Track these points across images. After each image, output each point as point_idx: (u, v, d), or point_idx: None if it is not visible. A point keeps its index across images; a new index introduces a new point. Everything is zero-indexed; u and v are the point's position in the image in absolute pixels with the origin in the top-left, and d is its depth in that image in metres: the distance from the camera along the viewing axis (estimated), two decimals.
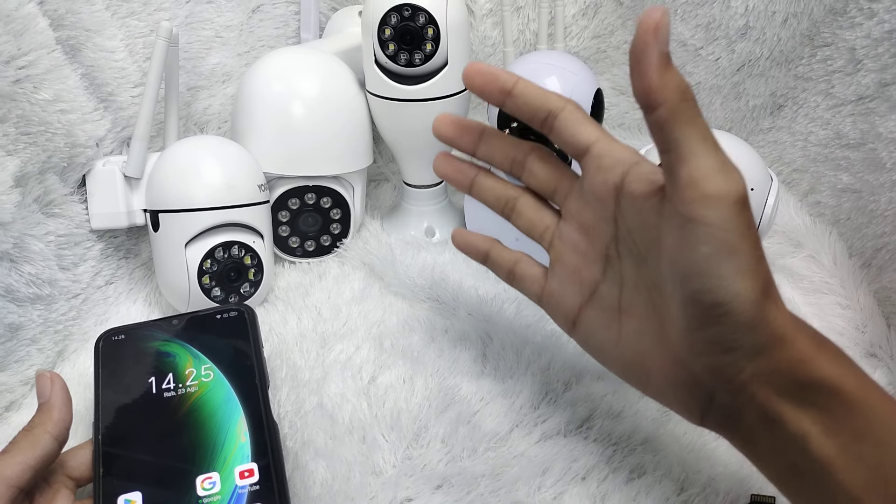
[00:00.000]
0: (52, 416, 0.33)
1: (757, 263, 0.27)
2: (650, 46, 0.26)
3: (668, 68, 0.26)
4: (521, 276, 0.38)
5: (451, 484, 0.37)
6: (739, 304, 0.26)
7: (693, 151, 0.26)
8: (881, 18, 0.49)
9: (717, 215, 0.26)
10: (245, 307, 0.41)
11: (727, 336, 0.27)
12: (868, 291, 0.49)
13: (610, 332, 0.33)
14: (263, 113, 0.51)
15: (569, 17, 0.68)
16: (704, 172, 0.26)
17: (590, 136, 0.33)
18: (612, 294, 0.33)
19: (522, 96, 0.33)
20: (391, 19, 0.48)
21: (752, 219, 0.27)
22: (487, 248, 0.39)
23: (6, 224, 0.42)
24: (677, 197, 0.27)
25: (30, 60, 0.43)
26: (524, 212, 0.37)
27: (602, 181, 0.32)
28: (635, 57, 0.26)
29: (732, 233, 0.26)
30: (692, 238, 0.26)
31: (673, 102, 0.26)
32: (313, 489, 0.37)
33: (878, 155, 0.49)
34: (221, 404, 0.36)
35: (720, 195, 0.26)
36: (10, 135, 0.42)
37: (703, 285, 0.27)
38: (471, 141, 0.37)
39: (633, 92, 0.27)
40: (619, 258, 0.33)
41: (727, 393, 0.29)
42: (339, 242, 0.56)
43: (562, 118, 0.33)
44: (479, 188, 0.38)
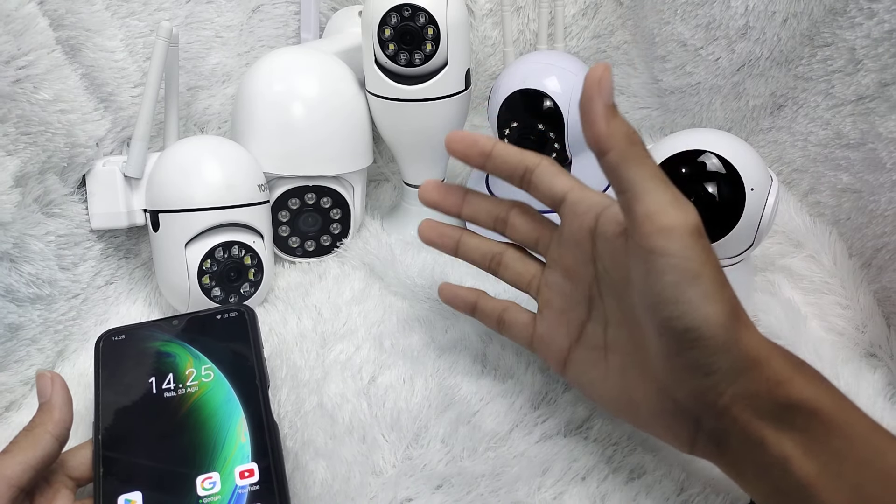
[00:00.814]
0: (53, 415, 0.33)
1: (721, 288, 0.28)
2: (595, 99, 0.29)
3: (615, 117, 0.29)
4: (511, 324, 0.39)
5: (451, 484, 0.37)
6: (710, 328, 0.28)
7: (646, 189, 0.28)
8: (881, 18, 0.49)
9: (675, 245, 0.28)
10: (245, 307, 0.41)
11: (703, 360, 0.28)
12: (868, 291, 0.49)
13: (598, 369, 0.35)
14: (263, 113, 0.51)
15: (569, 17, 0.68)
16: (658, 207, 0.28)
17: (564, 186, 0.35)
18: (598, 332, 0.35)
19: (500, 157, 0.36)
20: (391, 19, 0.48)
21: (710, 247, 0.29)
22: (475, 299, 0.41)
23: (6, 224, 0.42)
24: (637, 232, 0.29)
25: (30, 60, 0.43)
26: (510, 265, 0.39)
27: (578, 226, 0.35)
28: (583, 109, 0.29)
29: (693, 260, 0.28)
30: (656, 269, 0.28)
31: (621, 147, 0.29)
32: (313, 489, 0.37)
33: (878, 155, 0.49)
34: (222, 404, 0.36)
35: (675, 226, 0.28)
36: (10, 135, 0.42)
37: (673, 312, 0.28)
38: (455, 203, 0.40)
39: (585, 140, 0.30)
40: (601, 297, 0.35)
41: (711, 418, 0.30)
42: (339, 242, 0.56)
43: (538, 172, 0.36)
44: (464, 248, 0.40)
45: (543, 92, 0.49)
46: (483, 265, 0.40)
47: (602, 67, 0.29)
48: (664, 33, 0.63)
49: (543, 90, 0.49)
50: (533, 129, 0.50)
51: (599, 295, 0.35)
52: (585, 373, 0.36)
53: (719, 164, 0.41)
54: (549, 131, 0.50)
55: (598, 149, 0.29)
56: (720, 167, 0.41)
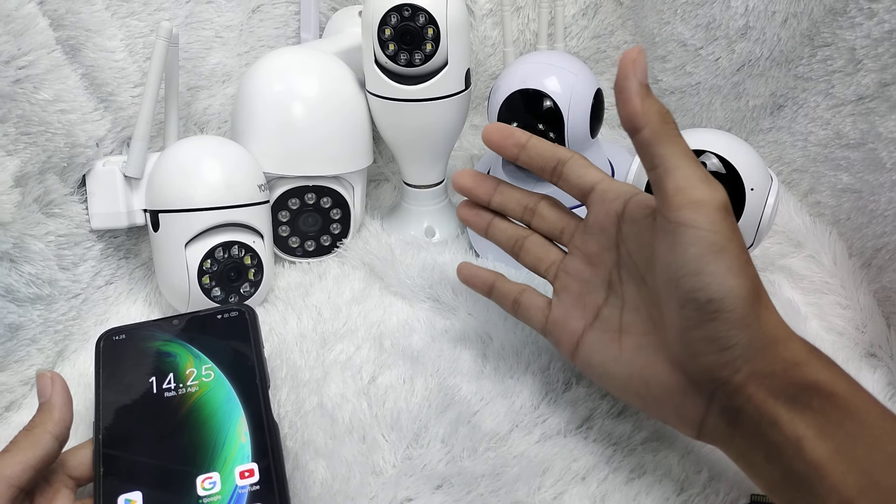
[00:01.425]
0: (53, 415, 0.33)
1: (745, 264, 0.29)
2: (631, 78, 0.30)
3: (649, 95, 0.30)
4: (527, 307, 0.40)
5: (451, 484, 0.37)
6: (732, 301, 0.28)
7: (677, 165, 0.30)
8: (881, 18, 0.49)
9: (703, 218, 0.29)
10: (246, 307, 0.41)
11: (722, 333, 0.29)
12: (868, 291, 0.49)
13: (611, 350, 0.36)
14: (263, 113, 0.51)
15: (569, 17, 0.68)
16: (689, 182, 0.29)
17: (595, 177, 0.37)
18: (614, 316, 0.36)
19: (535, 149, 0.39)
20: (391, 19, 0.48)
21: (736, 225, 0.29)
22: (493, 280, 0.42)
23: (6, 224, 0.42)
24: (666, 206, 0.30)
25: (30, 60, 0.43)
26: (532, 249, 0.41)
27: (606, 212, 0.36)
28: (619, 88, 0.31)
29: (719, 234, 0.29)
30: (683, 241, 0.29)
31: (655, 124, 0.30)
32: (313, 489, 0.37)
33: (878, 155, 0.49)
34: (222, 404, 0.36)
35: (705, 201, 0.29)
36: (10, 135, 0.42)
37: (697, 283, 0.29)
38: (486, 191, 0.42)
39: (620, 119, 0.31)
40: (620, 283, 0.36)
41: (725, 395, 0.30)
42: (339, 242, 0.56)
43: (570, 164, 0.38)
44: (493, 230, 0.43)
45: (543, 92, 0.49)
46: (508, 246, 0.42)
47: (637, 50, 0.30)
48: (664, 33, 0.63)
49: (543, 90, 0.49)
50: (533, 129, 0.50)
51: (619, 280, 0.36)
52: (597, 354, 0.36)
53: (719, 164, 0.41)
54: (549, 131, 0.50)
55: (633, 125, 0.30)
56: (720, 167, 0.41)
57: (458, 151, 0.68)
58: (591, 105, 0.50)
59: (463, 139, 0.69)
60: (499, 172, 0.55)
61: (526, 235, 0.41)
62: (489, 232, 0.43)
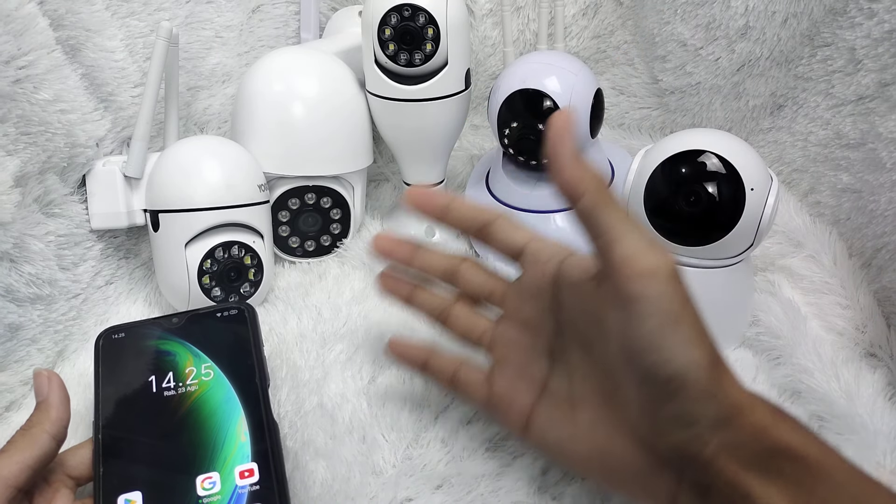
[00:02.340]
0: (50, 414, 0.33)
1: (702, 332, 0.28)
2: (563, 144, 0.29)
3: (583, 161, 0.29)
4: (465, 383, 0.37)
5: (451, 484, 0.37)
6: (694, 374, 0.27)
7: (622, 232, 0.28)
8: (881, 18, 0.49)
9: (656, 289, 0.27)
10: (246, 305, 0.41)
11: (688, 408, 0.27)
12: (868, 291, 0.49)
13: (565, 427, 0.33)
14: (263, 113, 0.51)
15: (569, 17, 0.68)
16: (636, 250, 0.28)
17: (524, 237, 0.35)
18: (563, 387, 0.34)
19: (458, 211, 0.36)
20: (391, 19, 0.48)
21: (688, 291, 0.28)
22: (425, 357, 0.39)
23: (6, 224, 0.42)
24: (615, 276, 0.28)
25: (30, 60, 0.43)
26: (458, 318, 0.38)
27: (541, 274, 0.34)
28: (552, 155, 0.29)
29: (674, 303, 0.27)
30: (636, 315, 0.27)
31: (593, 191, 0.29)
32: (313, 489, 0.37)
33: (878, 155, 0.49)
34: (221, 403, 0.36)
35: (655, 270, 0.27)
36: (10, 135, 0.42)
37: (656, 359, 0.27)
38: (406, 255, 0.39)
39: (556, 187, 0.30)
40: (564, 350, 0.34)
41: (695, 471, 0.28)
42: (339, 242, 0.56)
43: (497, 225, 0.36)
44: (415, 301, 0.39)
45: (543, 92, 0.49)
46: (433, 318, 0.39)
47: (564, 115, 0.29)
48: (664, 33, 0.63)
49: (543, 90, 0.49)
50: (533, 129, 0.50)
51: (562, 347, 0.34)
52: (551, 432, 0.33)
53: (719, 164, 0.41)
54: None
55: (572, 193, 0.29)
56: (720, 167, 0.41)
57: (458, 151, 0.68)
58: (592, 105, 0.50)
59: (463, 139, 0.69)
60: (498, 173, 0.55)
61: (450, 304, 0.38)
62: (411, 303, 0.40)
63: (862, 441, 0.38)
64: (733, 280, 0.44)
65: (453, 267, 0.38)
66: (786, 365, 0.44)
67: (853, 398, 0.41)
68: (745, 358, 0.46)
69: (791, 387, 0.43)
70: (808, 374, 0.42)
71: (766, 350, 0.46)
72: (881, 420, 0.39)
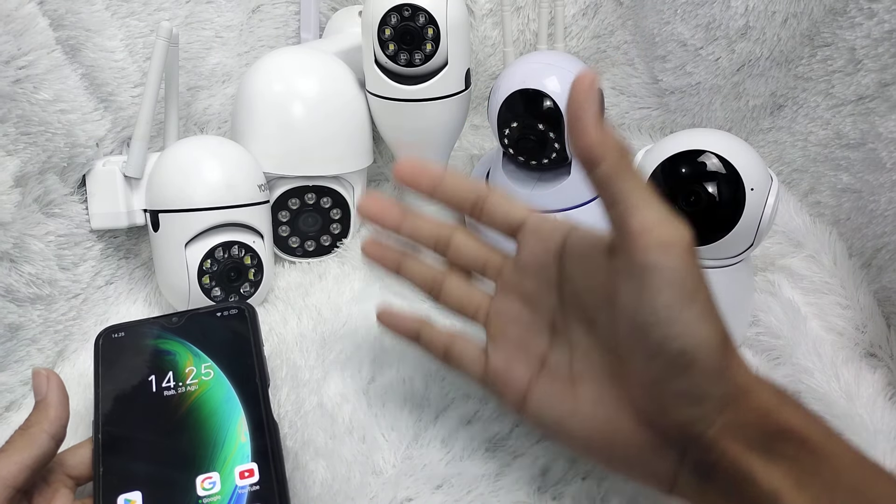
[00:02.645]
0: (49, 414, 0.33)
1: (714, 311, 0.27)
2: (586, 107, 0.27)
3: (606, 125, 0.28)
4: (460, 356, 0.36)
5: (451, 484, 0.37)
6: (705, 351, 0.26)
7: (640, 202, 0.27)
8: (881, 18, 0.49)
9: (673, 261, 0.27)
10: (246, 305, 0.41)
11: (695, 386, 0.27)
12: (868, 291, 0.49)
13: (565, 403, 0.32)
14: (263, 113, 0.51)
15: (569, 17, 0.68)
16: (655, 221, 0.27)
17: (523, 212, 0.34)
18: (563, 363, 0.33)
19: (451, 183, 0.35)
20: (391, 19, 0.48)
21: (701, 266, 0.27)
22: (418, 328, 0.37)
23: (6, 224, 0.42)
24: (631, 246, 0.27)
25: (30, 60, 0.43)
26: (452, 291, 0.37)
27: (543, 249, 0.33)
28: (573, 117, 0.28)
29: (691, 277, 0.27)
30: (651, 286, 0.27)
31: (614, 157, 0.27)
32: (313, 489, 0.37)
33: (878, 155, 0.49)
34: (221, 403, 0.36)
35: (674, 241, 0.27)
36: (10, 135, 0.42)
37: (668, 333, 0.27)
38: (394, 219, 0.37)
39: (574, 151, 0.28)
40: (566, 325, 0.33)
41: (698, 450, 0.28)
42: (339, 242, 0.56)
43: (492, 199, 0.35)
44: (405, 270, 0.38)
45: (543, 92, 0.49)
46: (425, 289, 0.37)
47: (591, 76, 0.28)
48: (664, 33, 0.63)
49: (543, 90, 0.49)
50: (533, 129, 0.50)
51: (565, 322, 0.33)
52: (550, 409, 0.32)
53: (719, 164, 0.41)
54: (549, 131, 0.50)
55: (591, 158, 0.28)
56: (720, 167, 0.41)
57: (458, 151, 0.68)
58: None
59: (463, 139, 0.69)
60: (498, 173, 0.55)
61: (443, 275, 0.37)
62: (401, 272, 0.38)
63: (862, 441, 0.38)
64: (733, 280, 0.44)
65: (446, 235, 0.37)
66: (786, 365, 0.44)
67: (853, 398, 0.41)
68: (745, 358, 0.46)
69: (791, 387, 0.43)
70: (808, 374, 0.42)
71: (766, 350, 0.46)
72: (881, 420, 0.39)
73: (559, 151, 0.51)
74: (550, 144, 0.50)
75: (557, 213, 0.53)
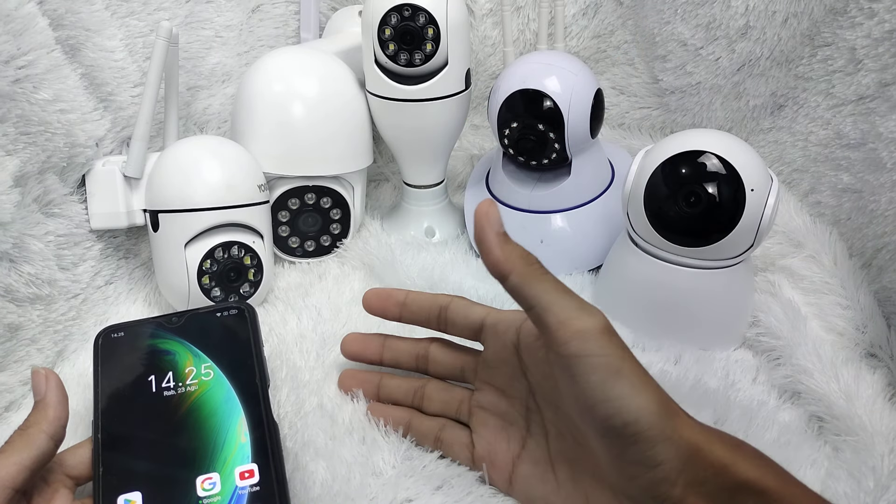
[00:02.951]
0: (48, 414, 0.33)
1: (646, 379, 0.29)
2: (487, 230, 0.31)
3: (508, 242, 0.31)
4: (450, 443, 0.38)
5: (451, 485, 0.37)
6: (646, 419, 0.28)
7: (552, 301, 0.30)
8: (881, 18, 0.49)
9: (592, 345, 0.29)
10: (245, 305, 0.41)
11: (647, 452, 0.28)
12: (868, 291, 0.49)
13: (547, 483, 0.34)
14: (263, 113, 0.51)
15: (569, 17, 0.68)
16: (569, 314, 0.30)
17: (480, 312, 0.38)
18: (541, 445, 0.35)
19: (415, 302, 0.40)
20: (391, 19, 0.48)
21: (624, 344, 0.30)
22: (408, 419, 0.40)
23: (6, 224, 0.42)
24: (553, 342, 0.30)
25: (29, 60, 0.43)
26: (434, 395, 0.40)
27: (502, 345, 0.36)
28: (478, 240, 0.31)
29: (612, 356, 0.29)
30: (580, 373, 0.29)
31: (519, 268, 0.31)
32: (313, 490, 0.37)
33: (879, 155, 0.49)
34: (221, 404, 0.36)
35: (588, 328, 0.29)
36: (10, 135, 0.42)
37: (607, 410, 0.28)
38: (375, 351, 0.41)
39: (486, 267, 0.31)
40: (538, 410, 0.35)
41: None
42: (339, 242, 0.56)
43: (453, 307, 0.38)
44: (386, 390, 0.41)
45: (543, 92, 0.49)
46: (407, 402, 0.40)
47: (487, 203, 0.31)
48: (664, 33, 0.63)
49: (543, 90, 0.49)
50: (533, 129, 0.50)
51: (537, 407, 0.35)
52: (535, 488, 0.35)
53: (719, 165, 0.41)
54: (549, 131, 0.50)
55: (499, 273, 0.31)
56: (720, 167, 0.41)
57: (458, 151, 0.68)
58: (591, 105, 0.50)
59: (463, 139, 0.69)
60: (498, 173, 0.55)
61: (423, 384, 0.40)
62: (381, 395, 0.41)
63: (861, 442, 0.38)
64: (733, 281, 0.44)
65: (423, 352, 0.40)
66: (786, 365, 0.44)
67: (853, 399, 0.40)
68: (745, 358, 0.46)
69: (791, 387, 0.43)
70: (807, 375, 0.42)
71: (767, 350, 0.46)
72: (880, 421, 0.39)
73: (559, 151, 0.51)
74: (550, 144, 0.50)
75: (557, 213, 0.54)
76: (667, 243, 0.43)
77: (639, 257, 0.46)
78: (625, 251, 0.47)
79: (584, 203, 0.54)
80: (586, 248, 0.53)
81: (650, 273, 0.45)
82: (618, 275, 0.49)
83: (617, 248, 0.49)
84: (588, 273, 0.53)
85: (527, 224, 0.54)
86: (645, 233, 0.44)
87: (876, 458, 0.37)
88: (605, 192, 0.55)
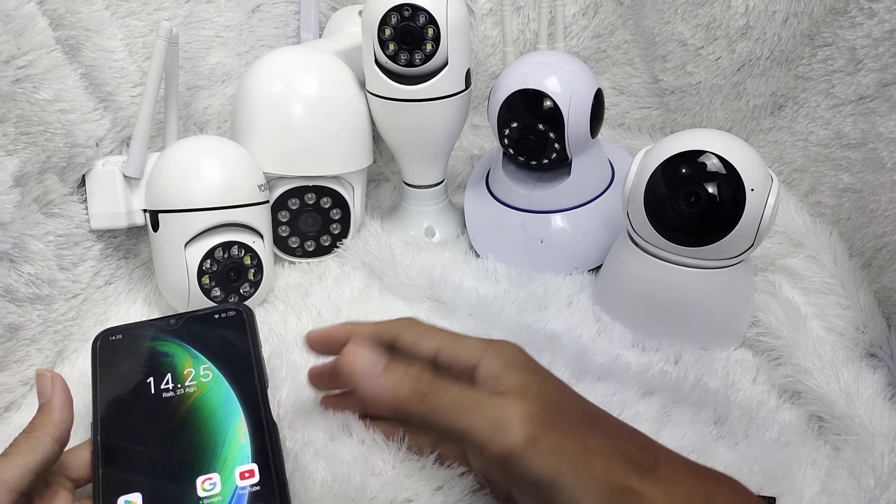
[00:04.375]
0: (53, 417, 0.33)
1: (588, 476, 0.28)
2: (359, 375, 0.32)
3: (393, 371, 0.32)
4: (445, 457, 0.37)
5: (451, 485, 0.37)
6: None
7: (465, 425, 0.30)
8: (881, 18, 0.49)
9: (520, 468, 0.28)
10: (243, 307, 0.41)
11: None
12: (868, 291, 0.49)
13: None
14: (263, 113, 0.51)
15: (569, 17, 0.68)
16: (485, 435, 0.29)
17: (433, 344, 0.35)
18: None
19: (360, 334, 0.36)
20: (391, 19, 0.48)
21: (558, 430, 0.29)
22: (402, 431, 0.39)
23: (6, 224, 0.42)
24: (485, 463, 0.31)
25: (29, 60, 0.43)
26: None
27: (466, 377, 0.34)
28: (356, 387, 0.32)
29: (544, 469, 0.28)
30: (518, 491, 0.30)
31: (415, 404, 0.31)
32: (313, 490, 0.37)
33: (879, 155, 0.49)
34: (221, 405, 0.36)
35: (508, 448, 0.29)
36: (10, 135, 0.42)
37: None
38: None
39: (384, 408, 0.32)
40: None
41: None
42: (339, 242, 0.56)
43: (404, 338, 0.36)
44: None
45: (543, 92, 0.49)
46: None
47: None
48: (664, 33, 0.63)
49: (543, 90, 0.49)
50: (533, 129, 0.50)
51: None
52: None
53: (719, 165, 0.41)
54: (549, 131, 0.50)
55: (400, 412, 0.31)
56: (720, 167, 0.41)
57: (458, 151, 0.68)
58: (592, 105, 0.50)
59: (463, 139, 0.69)
60: (498, 173, 0.55)
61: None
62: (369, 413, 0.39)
63: (861, 441, 0.38)
64: (733, 280, 0.44)
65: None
66: (786, 365, 0.44)
67: (853, 399, 0.40)
68: (745, 358, 0.46)
69: (791, 387, 0.43)
70: (808, 375, 0.42)
71: (767, 350, 0.46)
72: (880, 420, 0.39)
73: (559, 151, 0.51)
74: (550, 144, 0.50)
75: (557, 213, 0.53)
76: (667, 243, 0.43)
77: (639, 257, 0.46)
78: (625, 251, 0.47)
79: (584, 203, 0.54)
80: (586, 247, 0.53)
81: (650, 273, 0.45)
82: (618, 275, 0.49)
83: (617, 248, 0.49)
84: (588, 273, 0.53)
85: (527, 224, 0.54)
86: (645, 233, 0.44)
87: (876, 458, 0.37)
88: (605, 191, 0.55)
